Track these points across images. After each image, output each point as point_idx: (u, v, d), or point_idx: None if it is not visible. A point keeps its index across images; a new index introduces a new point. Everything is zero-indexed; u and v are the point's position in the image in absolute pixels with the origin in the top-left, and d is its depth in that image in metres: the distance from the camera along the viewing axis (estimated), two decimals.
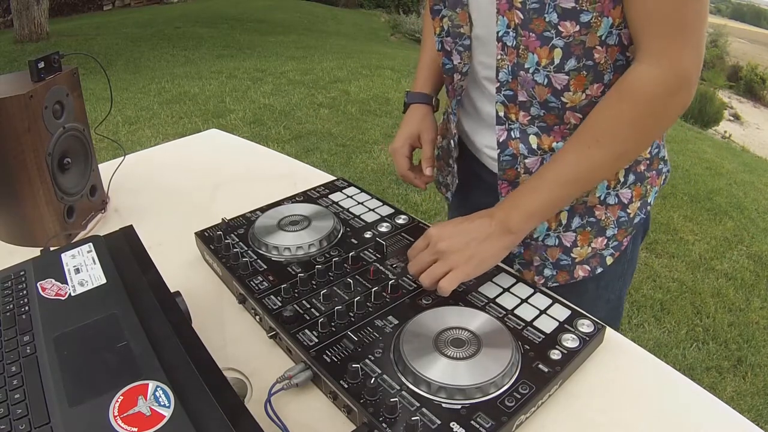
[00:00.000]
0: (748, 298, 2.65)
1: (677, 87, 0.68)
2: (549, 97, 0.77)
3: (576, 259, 0.88)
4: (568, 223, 0.86)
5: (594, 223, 0.86)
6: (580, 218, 0.86)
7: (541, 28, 0.73)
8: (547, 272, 0.89)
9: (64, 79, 0.93)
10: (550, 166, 0.76)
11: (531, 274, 0.90)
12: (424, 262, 0.75)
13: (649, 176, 0.87)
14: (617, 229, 0.87)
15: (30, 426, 0.49)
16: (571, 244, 0.87)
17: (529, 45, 0.75)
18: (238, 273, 0.78)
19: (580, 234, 0.86)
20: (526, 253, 0.89)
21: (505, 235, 0.74)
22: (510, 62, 0.78)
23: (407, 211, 0.97)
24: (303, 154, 3.74)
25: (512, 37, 0.76)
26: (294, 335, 0.68)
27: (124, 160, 1.16)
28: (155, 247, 0.75)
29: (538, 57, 0.75)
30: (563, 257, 0.88)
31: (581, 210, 0.85)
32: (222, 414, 0.48)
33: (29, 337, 0.59)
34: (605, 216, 0.86)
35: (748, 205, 3.66)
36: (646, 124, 0.71)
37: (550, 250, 0.87)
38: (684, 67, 0.67)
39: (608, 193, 0.85)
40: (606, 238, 0.87)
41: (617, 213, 0.86)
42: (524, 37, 0.74)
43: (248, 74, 5.70)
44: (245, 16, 9.73)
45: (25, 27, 7.22)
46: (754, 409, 1.98)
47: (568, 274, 0.89)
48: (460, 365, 0.61)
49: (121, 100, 4.84)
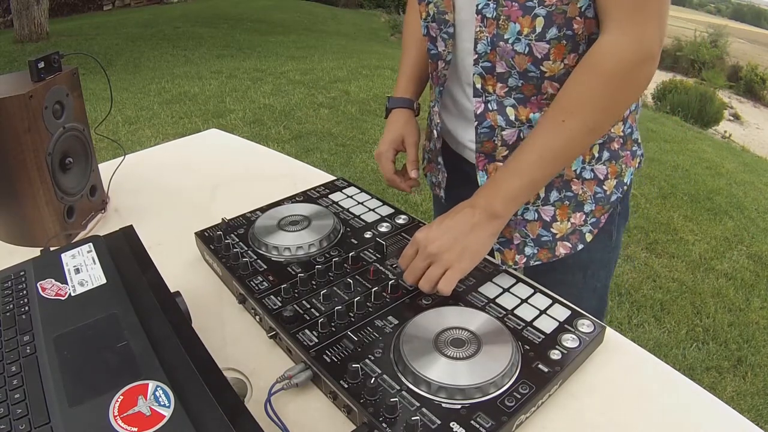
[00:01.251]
0: (748, 298, 2.65)
1: (641, 57, 0.70)
2: (529, 66, 0.78)
3: (556, 235, 0.89)
4: (546, 197, 0.87)
5: (572, 197, 0.87)
6: (558, 192, 0.87)
7: None
8: (528, 250, 0.90)
9: (64, 79, 0.93)
10: (524, 147, 0.77)
11: (512, 253, 0.90)
12: (418, 268, 0.74)
13: (624, 155, 0.89)
14: (594, 205, 0.89)
15: (30, 426, 0.49)
16: (550, 219, 0.88)
17: (511, 15, 0.75)
18: (238, 273, 0.78)
19: (559, 208, 0.88)
20: (506, 231, 0.89)
21: (491, 221, 0.75)
22: (489, 34, 0.78)
23: (407, 211, 0.97)
24: (303, 154, 3.74)
25: (492, 8, 0.76)
26: (294, 335, 0.68)
27: (124, 160, 1.16)
28: (155, 247, 0.75)
29: (520, 26, 0.76)
30: (543, 233, 0.89)
31: (558, 184, 0.87)
32: (222, 414, 0.48)
33: (29, 337, 0.59)
34: (582, 191, 0.87)
35: (748, 205, 3.66)
36: (614, 94, 0.73)
37: (530, 225, 0.88)
38: (647, 39, 0.70)
39: (584, 167, 0.86)
40: (584, 213, 0.89)
41: (593, 188, 0.88)
42: (506, 7, 0.75)
43: (248, 74, 5.70)
44: (245, 16, 9.73)
45: (25, 27, 7.22)
46: (754, 409, 1.98)
47: (549, 251, 0.89)
48: (460, 365, 0.61)
49: (121, 100, 4.84)
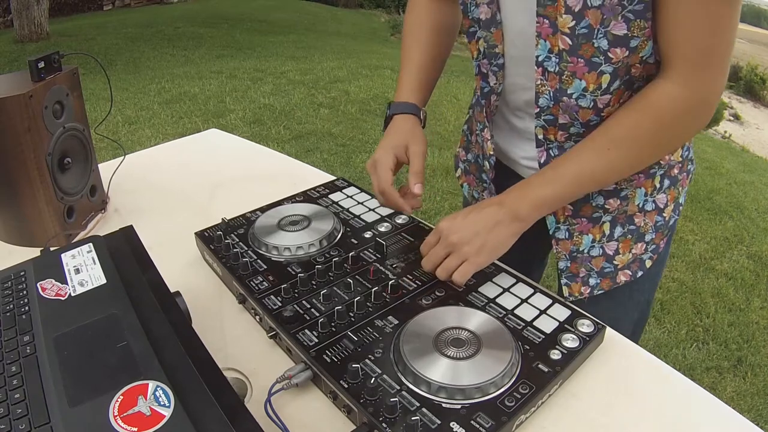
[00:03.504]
0: (748, 298, 2.65)
1: (699, 109, 0.70)
2: (592, 117, 0.78)
3: (618, 266, 0.89)
4: (611, 233, 0.88)
5: (634, 230, 0.88)
6: (621, 227, 0.87)
7: (590, 53, 0.72)
8: (591, 281, 0.90)
9: (64, 79, 0.93)
10: (565, 161, 0.76)
11: (578, 286, 0.91)
12: (437, 257, 0.76)
13: (681, 178, 0.89)
14: (655, 233, 0.89)
15: (30, 426, 0.49)
16: (613, 252, 0.89)
17: (576, 71, 0.74)
18: (238, 273, 0.78)
19: (622, 242, 0.88)
20: (572, 267, 0.90)
21: (514, 222, 0.75)
22: (551, 88, 0.77)
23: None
24: (303, 154, 3.74)
25: (555, 62, 0.75)
26: (294, 335, 0.68)
27: (124, 160, 1.16)
28: (155, 247, 0.75)
29: (585, 83, 0.75)
30: (606, 265, 0.89)
31: (622, 219, 0.87)
32: (222, 414, 0.48)
33: (29, 337, 0.59)
34: (644, 222, 0.88)
35: (748, 205, 3.66)
36: (664, 138, 0.73)
37: (595, 260, 0.89)
38: (708, 91, 0.69)
39: (646, 200, 0.86)
40: (645, 243, 0.89)
41: (654, 218, 0.88)
42: (571, 63, 0.74)
43: (248, 74, 5.70)
44: (245, 16, 9.73)
45: (25, 27, 7.21)
46: (754, 409, 1.98)
47: (610, 280, 0.90)
48: (460, 365, 0.61)
49: (121, 100, 4.84)
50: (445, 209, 3.16)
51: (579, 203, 0.86)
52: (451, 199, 3.27)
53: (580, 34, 0.71)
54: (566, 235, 0.88)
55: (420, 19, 0.96)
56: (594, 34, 0.71)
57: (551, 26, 0.73)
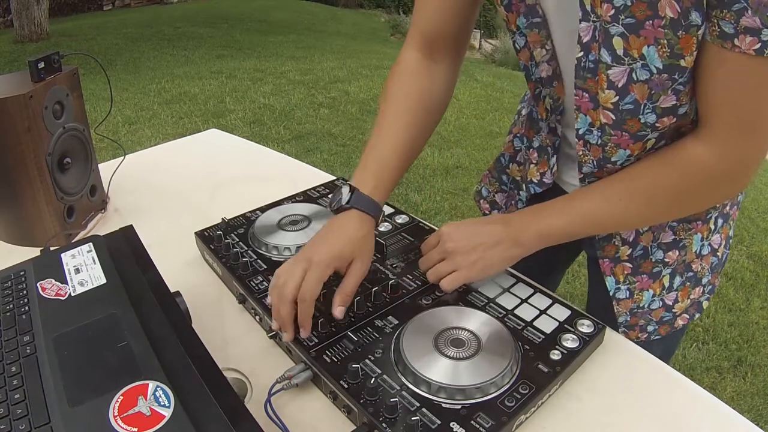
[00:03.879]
0: (748, 298, 2.65)
1: (734, 174, 0.66)
2: None
3: (677, 313, 0.86)
4: (671, 285, 0.84)
5: (692, 276, 0.85)
6: (680, 276, 0.84)
7: (636, 128, 0.67)
8: (650, 328, 0.87)
9: (64, 79, 0.93)
10: (580, 198, 0.73)
11: (636, 333, 0.87)
12: (431, 260, 0.76)
13: (732, 213, 0.86)
14: (711, 274, 0.86)
15: (30, 426, 0.48)
16: (672, 302, 0.85)
17: (621, 143, 0.70)
18: (238, 273, 0.78)
19: (681, 291, 0.85)
20: (632, 320, 0.86)
21: (514, 247, 0.73)
22: (594, 157, 0.74)
23: (407, 210, 0.96)
24: (303, 154, 3.74)
25: (597, 135, 0.71)
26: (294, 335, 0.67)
27: (124, 160, 1.16)
28: (155, 247, 0.75)
29: (630, 151, 0.71)
30: (665, 314, 0.86)
31: (681, 269, 0.84)
32: (222, 414, 0.48)
33: (29, 337, 0.59)
34: (701, 267, 0.85)
35: (748, 205, 3.65)
36: (685, 200, 0.69)
37: (654, 312, 0.86)
38: (746, 158, 0.64)
39: (702, 245, 0.83)
40: (702, 286, 0.87)
41: (710, 260, 0.85)
42: (615, 136, 0.69)
43: (248, 74, 5.69)
44: (245, 16, 9.73)
45: (25, 27, 7.21)
46: (754, 409, 1.98)
47: (669, 326, 0.87)
48: (460, 365, 0.61)
49: (121, 100, 4.84)
50: (445, 209, 3.16)
51: (638, 260, 0.82)
52: (451, 199, 3.28)
53: (624, 109, 0.66)
54: (627, 294, 0.84)
55: (407, 91, 0.81)
56: (641, 110, 0.65)
57: (591, 100, 0.69)
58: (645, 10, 0.58)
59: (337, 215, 0.74)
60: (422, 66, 0.83)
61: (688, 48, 0.59)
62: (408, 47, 0.84)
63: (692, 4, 0.55)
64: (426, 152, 3.83)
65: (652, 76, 0.62)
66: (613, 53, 0.62)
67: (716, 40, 0.56)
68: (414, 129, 0.80)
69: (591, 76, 0.66)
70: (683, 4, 0.56)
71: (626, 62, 0.62)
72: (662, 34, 0.58)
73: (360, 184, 0.75)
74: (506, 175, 1.01)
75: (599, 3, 0.60)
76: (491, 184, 1.05)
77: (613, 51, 0.62)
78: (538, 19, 0.70)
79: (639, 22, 0.59)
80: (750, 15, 0.52)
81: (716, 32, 0.56)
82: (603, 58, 0.63)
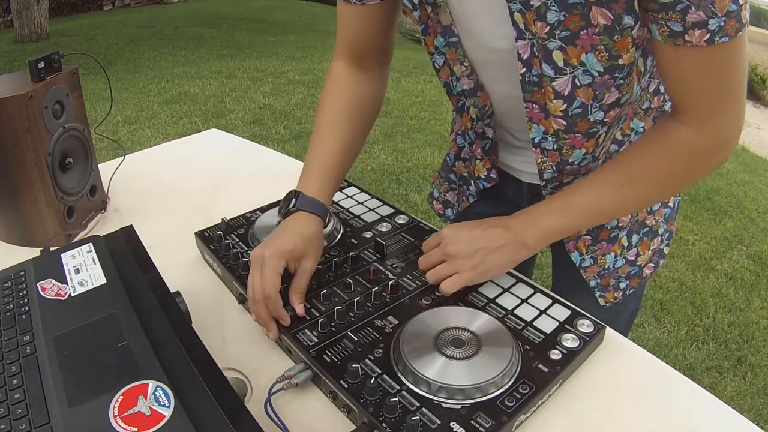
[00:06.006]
0: (748, 298, 2.65)
1: (718, 149, 0.69)
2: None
3: (641, 265, 0.92)
4: (629, 244, 0.90)
5: (648, 231, 0.91)
6: (637, 234, 0.90)
7: (587, 127, 0.74)
8: (622, 285, 0.93)
9: (64, 79, 0.93)
10: (576, 193, 0.75)
11: (611, 294, 0.92)
12: (432, 261, 0.76)
13: None
14: (666, 223, 0.93)
15: (30, 426, 0.49)
16: (635, 257, 0.91)
17: (575, 143, 0.76)
18: (238, 273, 0.78)
19: (640, 246, 0.91)
20: (602, 281, 0.91)
21: (520, 249, 0.74)
22: (553, 162, 0.79)
23: (407, 211, 0.96)
24: (303, 154, 3.67)
25: (552, 141, 0.76)
26: (294, 335, 0.68)
27: (124, 160, 1.16)
28: (155, 247, 0.75)
29: (585, 149, 0.77)
30: (632, 268, 0.92)
31: (636, 228, 0.89)
32: (222, 414, 0.48)
33: (29, 337, 0.59)
34: (655, 221, 0.91)
35: (748, 205, 3.66)
36: (681, 176, 0.73)
37: (621, 269, 0.91)
38: (726, 131, 0.67)
39: None
40: (659, 236, 0.92)
41: (663, 212, 0.91)
42: (569, 138, 0.75)
43: (248, 74, 5.70)
44: (245, 16, 9.73)
45: (25, 27, 7.21)
46: (754, 409, 1.98)
47: (638, 277, 0.93)
48: (460, 365, 0.61)
49: (121, 100, 4.84)
50: None
51: (596, 231, 0.88)
52: None
53: (574, 114, 0.71)
54: (591, 262, 0.90)
55: (340, 97, 0.86)
56: (589, 111, 0.71)
57: (542, 110, 0.73)
58: (578, 21, 0.61)
59: (286, 219, 0.78)
60: (352, 74, 0.87)
61: (624, 48, 0.63)
62: (337, 59, 0.88)
63: (624, 10, 0.59)
64: (426, 152, 3.83)
65: (594, 79, 0.67)
66: (554, 66, 0.67)
67: (668, 39, 0.59)
68: (350, 131, 0.84)
69: (537, 89, 0.71)
70: (615, 12, 0.60)
71: (568, 71, 0.67)
72: (598, 40, 0.63)
73: (304, 188, 0.79)
74: (453, 173, 1.05)
75: (532, 21, 0.64)
76: (441, 184, 1.10)
77: (555, 64, 0.66)
78: (455, 38, 0.75)
79: (574, 34, 0.63)
80: (694, 11, 0.55)
81: (666, 33, 0.59)
82: (546, 72, 0.68)
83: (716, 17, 0.55)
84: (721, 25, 0.56)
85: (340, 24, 0.85)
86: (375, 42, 0.85)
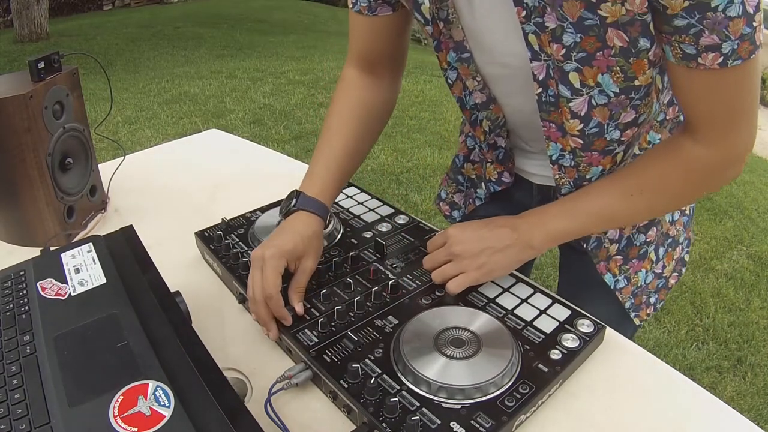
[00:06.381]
0: (748, 298, 2.65)
1: (730, 165, 0.69)
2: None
3: (667, 276, 0.93)
4: (657, 257, 0.91)
5: (671, 242, 0.92)
6: (663, 246, 0.91)
7: (603, 145, 0.75)
8: (652, 300, 0.93)
9: (64, 79, 0.93)
10: (587, 197, 0.75)
11: (644, 312, 0.92)
12: (437, 261, 0.76)
13: None
14: (685, 231, 0.94)
15: (30, 426, 0.48)
16: (662, 269, 0.92)
17: (592, 161, 0.77)
18: (238, 273, 0.78)
19: (665, 257, 0.92)
20: (636, 300, 0.92)
21: (526, 250, 0.74)
22: (570, 178, 0.80)
23: (407, 211, 0.96)
24: (303, 154, 3.74)
25: (569, 158, 0.77)
26: (294, 335, 0.68)
27: (124, 160, 1.16)
28: (155, 247, 0.75)
29: (602, 167, 0.78)
30: (659, 281, 0.93)
31: (661, 240, 0.90)
32: (222, 414, 0.48)
33: (29, 337, 0.59)
34: (676, 230, 0.92)
35: (748, 205, 3.66)
36: (692, 190, 0.73)
37: (651, 284, 0.92)
38: (738, 148, 0.68)
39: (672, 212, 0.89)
40: (680, 244, 0.94)
41: (682, 221, 0.92)
42: (586, 156, 0.76)
43: (248, 74, 5.70)
44: (245, 16, 9.73)
45: (25, 27, 7.21)
46: (754, 409, 1.98)
47: (665, 289, 0.94)
48: (460, 365, 0.61)
49: (121, 100, 4.84)
50: None
51: (625, 250, 0.88)
52: None
53: (591, 133, 0.72)
54: (625, 282, 0.89)
55: (349, 102, 0.86)
56: (605, 130, 0.72)
57: (559, 129, 0.74)
58: (594, 43, 0.62)
59: (287, 218, 0.78)
60: (363, 80, 0.88)
61: (641, 69, 0.64)
62: (349, 65, 0.89)
63: (639, 33, 0.60)
64: (426, 152, 3.83)
65: (610, 100, 0.68)
66: (571, 87, 0.67)
67: (681, 62, 0.60)
68: (356, 136, 0.84)
69: (554, 109, 0.72)
70: (631, 34, 0.60)
71: (584, 92, 0.67)
72: (614, 62, 0.63)
73: (307, 188, 0.80)
74: (462, 175, 1.05)
75: (548, 43, 0.64)
76: (449, 185, 1.09)
77: (571, 85, 0.67)
78: (467, 53, 0.75)
79: (590, 55, 0.63)
80: (708, 35, 0.55)
81: (680, 55, 0.59)
82: (562, 93, 0.68)
83: (730, 40, 0.55)
84: (735, 48, 0.55)
85: (352, 33, 0.86)
86: (386, 51, 0.86)
